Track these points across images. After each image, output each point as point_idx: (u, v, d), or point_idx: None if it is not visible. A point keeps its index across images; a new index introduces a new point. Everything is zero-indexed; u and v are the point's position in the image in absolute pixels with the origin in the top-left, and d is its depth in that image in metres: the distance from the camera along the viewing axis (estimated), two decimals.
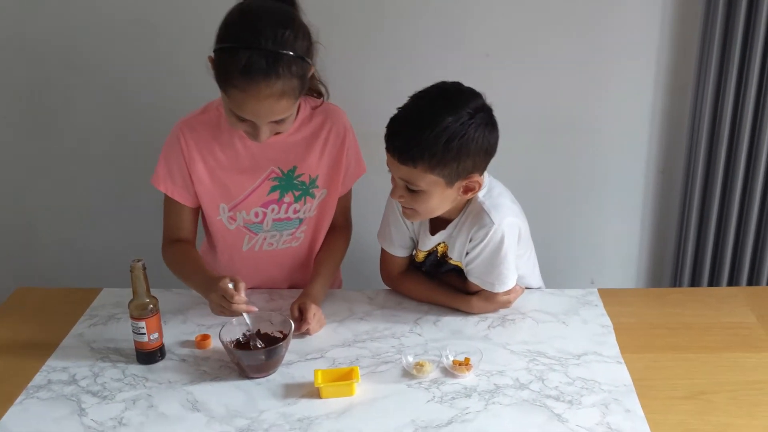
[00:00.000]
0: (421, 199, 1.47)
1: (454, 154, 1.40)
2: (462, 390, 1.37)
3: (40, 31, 2.15)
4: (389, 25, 2.10)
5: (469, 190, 1.50)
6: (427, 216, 1.54)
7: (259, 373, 1.41)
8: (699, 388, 1.37)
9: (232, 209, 1.65)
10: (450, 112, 1.39)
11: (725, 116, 2.07)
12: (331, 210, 1.73)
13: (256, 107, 1.41)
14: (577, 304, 1.65)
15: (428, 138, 1.38)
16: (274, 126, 1.47)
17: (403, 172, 1.45)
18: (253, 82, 1.36)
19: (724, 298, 1.69)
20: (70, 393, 1.38)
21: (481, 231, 1.52)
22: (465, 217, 1.56)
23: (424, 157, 1.40)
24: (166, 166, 1.62)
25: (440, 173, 1.42)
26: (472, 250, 1.56)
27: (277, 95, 1.39)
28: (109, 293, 1.72)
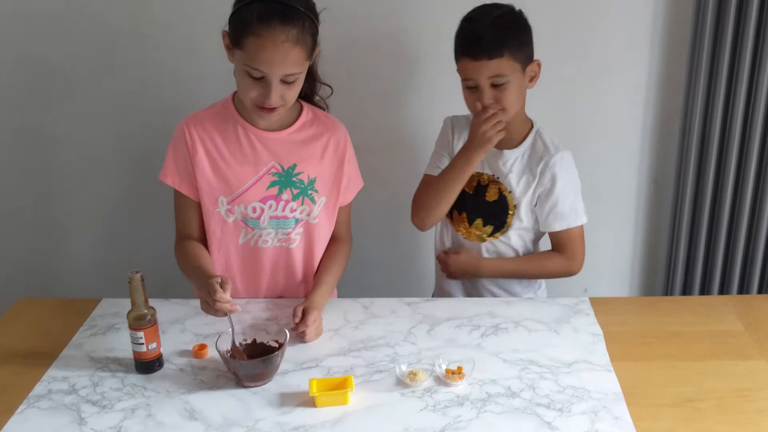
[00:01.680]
0: (507, 91, 1.68)
1: (523, 38, 1.69)
2: (455, 398, 1.39)
3: (38, 42, 2.17)
4: (386, 40, 2.13)
5: (533, 78, 1.74)
6: (512, 109, 1.71)
7: (255, 382, 1.43)
8: (687, 395, 1.40)
9: (231, 202, 1.68)
10: (502, 11, 1.69)
11: (715, 126, 2.10)
12: (330, 219, 1.76)
13: (272, 54, 1.48)
14: (569, 312, 1.68)
15: (501, 30, 1.65)
16: (283, 89, 1.54)
17: (492, 67, 1.65)
18: (271, 27, 1.46)
19: (713, 307, 1.72)
20: (70, 402, 1.40)
21: (555, 157, 1.75)
22: (530, 148, 1.79)
23: (507, 45, 1.64)
24: (173, 158, 1.68)
25: (518, 57, 1.66)
26: (551, 183, 1.76)
27: (293, 41, 1.48)
28: (108, 303, 1.74)
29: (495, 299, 1.82)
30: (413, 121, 2.25)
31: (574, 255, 1.82)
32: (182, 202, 1.72)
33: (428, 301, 1.74)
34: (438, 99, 2.20)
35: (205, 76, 2.16)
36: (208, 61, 2.14)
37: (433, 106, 2.22)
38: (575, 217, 1.79)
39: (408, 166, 2.30)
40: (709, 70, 2.06)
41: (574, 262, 1.83)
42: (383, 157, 2.24)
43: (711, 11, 1.99)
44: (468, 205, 1.85)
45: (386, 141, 2.25)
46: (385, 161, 2.26)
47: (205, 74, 2.16)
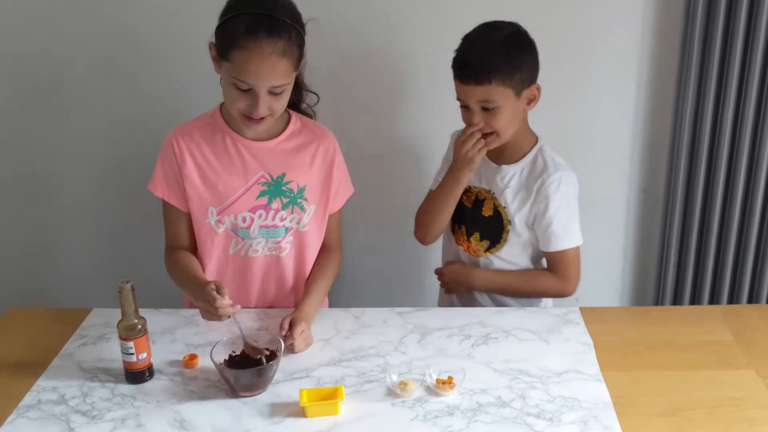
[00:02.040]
0: (498, 116, 1.67)
1: (516, 64, 1.65)
2: (445, 408, 1.39)
3: (32, 47, 2.17)
4: (375, 47, 2.14)
5: (531, 101, 1.72)
6: (504, 134, 1.71)
7: (249, 392, 1.43)
8: (676, 405, 1.40)
9: (221, 212, 1.68)
10: (500, 34, 1.67)
11: (704, 135, 2.12)
12: (320, 227, 1.76)
13: (259, 66, 1.48)
14: (559, 322, 1.69)
15: (493, 56, 1.63)
16: (271, 99, 1.54)
17: (480, 93, 1.65)
18: (258, 40, 1.47)
19: (703, 317, 1.73)
20: (59, 412, 1.40)
21: (554, 176, 1.73)
22: (531, 165, 1.77)
23: (497, 71, 1.62)
24: (162, 170, 1.68)
25: (510, 83, 1.64)
26: (546, 202, 1.73)
27: (279, 53, 1.48)
28: (98, 314, 1.74)
29: (486, 309, 1.82)
30: (406, 129, 2.26)
31: (566, 276, 1.80)
32: (171, 213, 1.72)
33: (419, 310, 1.74)
34: (431, 107, 2.22)
35: (200, 83, 2.15)
36: (202, 66, 2.14)
37: (426, 114, 2.23)
38: (568, 239, 1.77)
39: (400, 175, 2.31)
40: (698, 80, 2.08)
41: (566, 284, 1.81)
42: (374, 165, 2.25)
43: (700, 22, 2.01)
44: (467, 218, 1.86)
45: (377, 149, 2.25)
46: (377, 169, 2.27)
47: (200, 81, 2.15)
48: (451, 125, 2.22)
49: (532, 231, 1.79)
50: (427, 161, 2.28)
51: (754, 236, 2.19)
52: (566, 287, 1.81)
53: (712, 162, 2.16)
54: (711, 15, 2.01)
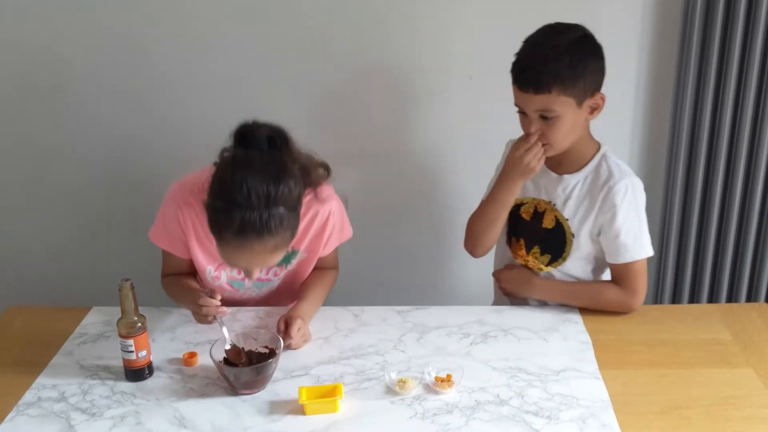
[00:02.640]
0: (556, 126, 1.59)
1: (580, 72, 1.55)
2: (444, 406, 1.40)
3: (32, 51, 2.18)
4: (373, 49, 2.14)
5: (594, 110, 1.63)
6: (561, 144, 1.63)
7: (248, 390, 1.44)
8: (674, 403, 1.41)
9: (217, 269, 1.71)
10: (563, 39, 1.56)
11: (702, 136, 2.12)
12: (309, 267, 1.77)
13: (250, 261, 1.48)
14: (558, 321, 1.69)
15: (554, 63, 1.53)
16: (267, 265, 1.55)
17: (539, 101, 1.56)
18: (247, 241, 1.42)
19: (701, 316, 1.73)
20: (59, 410, 1.40)
21: (621, 184, 1.64)
22: (593, 174, 1.68)
23: (557, 80, 1.53)
24: (164, 228, 1.67)
25: (571, 93, 1.55)
26: (613, 212, 1.63)
27: (270, 250, 1.45)
28: (98, 312, 1.75)
29: (485, 307, 1.82)
30: (406, 128, 2.26)
31: (634, 290, 1.68)
32: (170, 255, 1.72)
33: (418, 309, 1.75)
34: (431, 107, 2.22)
35: (201, 84, 2.17)
36: (203, 68, 2.15)
37: (427, 113, 2.23)
38: (639, 249, 1.66)
39: (399, 174, 2.32)
40: (697, 80, 2.08)
41: (634, 298, 1.69)
42: (374, 164, 2.26)
43: (698, 20, 2.01)
44: (525, 232, 1.77)
45: (377, 148, 2.26)
46: (376, 168, 2.27)
47: (201, 82, 2.17)
48: (452, 124, 2.23)
49: (596, 243, 1.70)
50: (427, 160, 2.28)
51: (752, 235, 2.20)
52: (632, 301, 1.69)
53: (710, 161, 2.16)
54: (709, 13, 2.01)
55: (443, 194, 2.35)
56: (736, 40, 2.01)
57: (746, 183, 2.16)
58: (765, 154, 2.10)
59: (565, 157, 1.69)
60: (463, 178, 2.29)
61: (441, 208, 2.37)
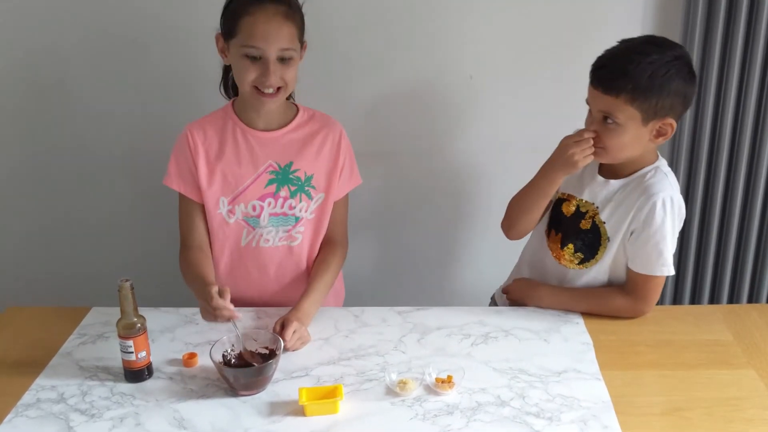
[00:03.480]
0: (615, 134, 1.55)
1: (656, 89, 1.49)
2: (444, 407, 1.39)
3: (36, 47, 2.17)
4: (375, 49, 2.14)
5: (661, 135, 1.57)
6: (616, 154, 1.59)
7: (249, 391, 1.43)
8: (675, 404, 1.40)
9: (231, 202, 1.72)
10: (656, 51, 1.50)
11: (704, 137, 2.12)
12: (329, 214, 1.79)
13: (266, 27, 1.55)
14: (559, 321, 1.69)
15: (634, 69, 1.48)
16: (281, 69, 1.59)
17: (604, 102, 1.53)
18: (262, 4, 1.56)
19: (702, 316, 1.73)
20: (58, 411, 1.40)
21: (656, 197, 1.58)
22: (637, 181, 1.63)
23: (628, 87, 1.49)
24: (176, 165, 1.72)
25: (639, 107, 1.50)
26: (646, 223, 1.60)
27: (283, 15, 1.57)
28: (97, 312, 1.74)
29: (485, 308, 1.82)
30: (407, 128, 2.26)
31: (645, 299, 1.67)
32: (187, 207, 1.74)
33: (419, 309, 1.74)
34: (433, 106, 2.22)
35: (207, 80, 2.15)
36: (207, 65, 2.14)
37: (428, 113, 2.23)
38: (660, 267, 1.63)
39: (400, 174, 2.32)
40: (698, 84, 2.08)
41: (643, 305, 1.67)
42: (375, 163, 2.25)
43: (700, 23, 2.01)
44: (564, 227, 1.75)
45: (377, 148, 2.26)
46: (377, 168, 2.27)
47: (207, 78, 2.15)
48: (453, 123, 2.22)
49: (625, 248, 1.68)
50: (428, 160, 2.28)
51: (753, 237, 2.20)
52: (641, 308, 1.68)
53: (711, 163, 2.16)
54: (710, 17, 2.01)
55: (446, 196, 2.35)
56: (737, 44, 2.01)
57: (747, 185, 2.16)
58: (766, 154, 2.10)
59: (619, 166, 1.66)
60: (466, 180, 2.29)
61: (444, 210, 2.37)
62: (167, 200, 1.80)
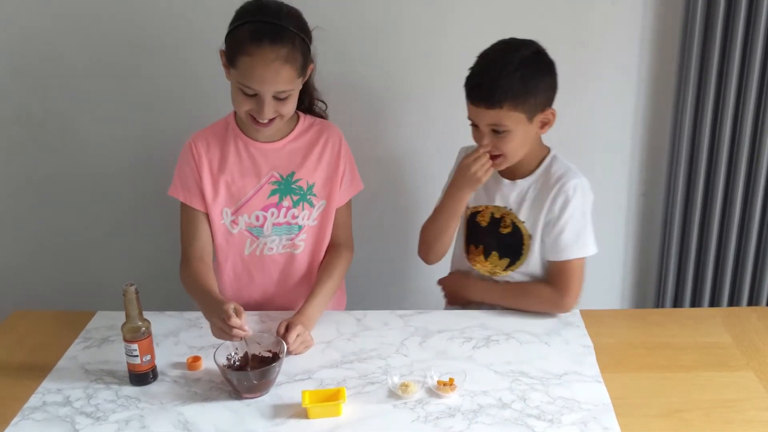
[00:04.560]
0: (508, 140, 1.63)
1: (531, 89, 1.60)
2: (446, 410, 1.41)
3: (41, 52, 2.19)
4: (376, 52, 2.15)
5: (545, 124, 1.68)
6: (512, 158, 1.67)
7: (252, 394, 1.45)
8: (674, 406, 1.42)
9: (235, 213, 1.74)
10: (516, 56, 1.60)
11: (703, 142, 2.13)
12: (330, 221, 1.81)
13: (263, 72, 1.54)
14: (560, 325, 1.70)
15: (507, 79, 1.57)
16: (276, 104, 1.60)
17: (490, 116, 1.61)
18: (261, 47, 1.53)
19: (702, 319, 1.74)
20: (64, 414, 1.41)
21: (570, 183, 1.69)
22: (544, 176, 1.73)
23: (508, 97, 1.58)
24: (180, 175, 1.74)
25: (522, 109, 1.60)
26: (561, 210, 1.69)
27: (282, 60, 1.54)
28: (102, 316, 1.76)
29: (487, 311, 1.83)
30: (410, 132, 2.27)
31: (568, 288, 1.71)
32: (190, 216, 1.75)
33: (420, 313, 1.76)
34: (435, 111, 2.23)
35: (211, 89, 2.16)
36: (212, 70, 2.14)
37: (430, 117, 2.24)
38: (581, 248, 1.70)
39: (403, 179, 2.33)
40: (697, 87, 2.09)
41: (566, 297, 1.71)
42: (378, 168, 2.26)
43: (698, 28, 2.02)
44: (484, 238, 1.80)
45: (381, 153, 2.27)
46: (380, 173, 2.28)
47: (211, 87, 2.16)
48: (453, 128, 2.23)
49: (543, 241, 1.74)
50: (430, 165, 2.29)
51: (753, 239, 2.20)
52: (565, 301, 1.71)
53: (711, 167, 2.17)
54: (709, 20, 2.02)
55: None
56: (736, 47, 2.02)
57: (747, 188, 2.17)
58: (766, 157, 2.11)
59: (518, 164, 1.73)
60: None
61: None
62: (171, 206, 1.82)
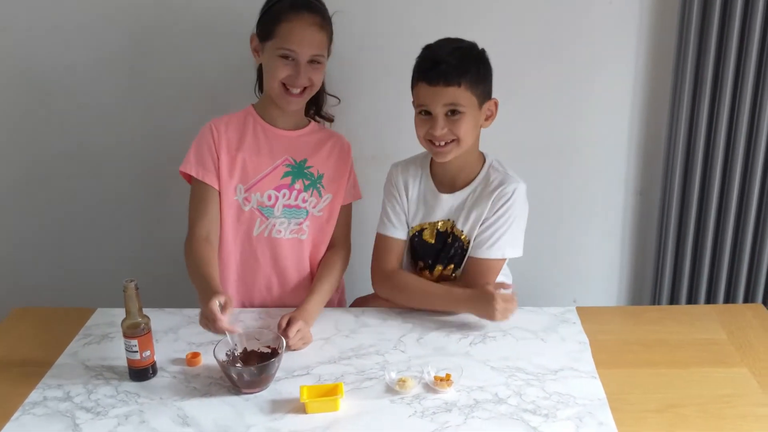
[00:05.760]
0: (462, 122, 1.65)
1: (483, 74, 1.67)
2: (443, 405, 1.42)
3: (44, 55, 2.20)
4: (380, 64, 2.16)
5: (489, 117, 1.72)
6: (464, 143, 1.68)
7: (252, 389, 1.46)
8: (670, 401, 1.43)
9: (248, 190, 1.80)
10: (467, 44, 1.68)
11: (699, 141, 2.14)
12: (334, 216, 1.87)
13: (302, 34, 1.69)
14: (556, 321, 1.71)
15: (466, 58, 1.64)
16: (310, 71, 1.73)
17: (448, 95, 1.62)
18: (300, 13, 1.70)
19: (697, 316, 1.76)
20: (64, 409, 1.42)
21: (509, 188, 1.71)
22: (483, 182, 1.75)
23: (467, 75, 1.62)
24: (197, 152, 1.80)
25: (475, 92, 1.64)
26: (496, 210, 1.71)
27: (318, 26, 1.71)
28: (102, 313, 1.77)
29: None
30: (411, 132, 2.28)
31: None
32: (201, 193, 1.78)
33: (418, 310, 1.76)
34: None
35: (212, 85, 2.18)
36: (216, 69, 2.16)
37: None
38: (510, 249, 1.73)
39: None
40: (693, 85, 2.10)
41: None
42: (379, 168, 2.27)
43: (694, 30, 2.03)
44: (431, 252, 1.81)
45: (383, 151, 2.27)
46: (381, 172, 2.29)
47: (212, 83, 2.18)
48: None
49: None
50: None
51: (749, 237, 2.21)
52: None
53: (707, 165, 2.18)
54: (705, 23, 2.03)
55: None
56: (731, 48, 2.03)
57: (742, 186, 2.18)
58: (761, 155, 2.13)
59: (458, 177, 1.75)
60: None
61: None
62: (172, 203, 1.83)
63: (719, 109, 2.11)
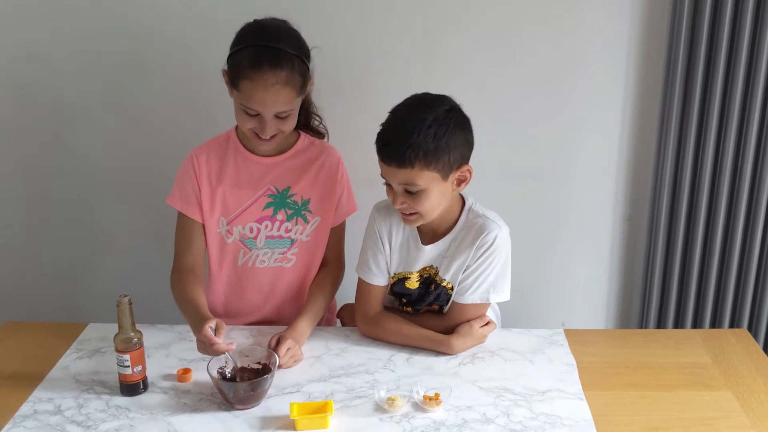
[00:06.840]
0: (421, 199, 1.58)
1: (444, 148, 1.54)
2: (431, 424, 1.43)
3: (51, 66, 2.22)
4: (374, 81, 2.18)
5: (462, 182, 1.63)
6: (429, 216, 1.63)
7: (244, 405, 1.47)
8: (654, 423, 1.45)
9: (230, 223, 1.79)
10: (429, 113, 1.54)
11: (686, 167, 2.18)
12: (324, 238, 1.84)
13: (264, 95, 1.60)
14: (544, 343, 1.73)
15: (419, 138, 1.51)
16: (278, 122, 1.66)
17: (402, 176, 1.56)
18: (261, 71, 1.58)
19: (682, 340, 1.78)
20: (55, 423, 1.43)
21: (490, 235, 1.65)
22: (464, 230, 1.69)
23: (419, 156, 1.52)
24: (180, 185, 1.79)
25: (435, 167, 1.54)
26: (478, 258, 1.66)
27: (282, 83, 1.59)
28: (94, 328, 1.78)
29: None
30: None
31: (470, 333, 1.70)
32: (186, 226, 1.79)
33: None
34: None
35: (207, 101, 2.18)
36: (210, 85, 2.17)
37: None
38: (495, 294, 1.70)
39: None
40: (681, 113, 2.14)
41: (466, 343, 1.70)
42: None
43: (682, 58, 2.07)
44: (414, 298, 1.78)
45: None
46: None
47: (207, 99, 2.17)
48: None
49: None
50: None
51: (734, 263, 2.25)
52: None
53: (694, 192, 2.22)
54: (692, 53, 2.08)
55: None
56: (718, 77, 2.07)
57: (729, 211, 2.22)
58: (747, 182, 2.16)
59: (438, 226, 1.69)
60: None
61: None
62: (165, 219, 1.84)
63: (706, 136, 2.15)
